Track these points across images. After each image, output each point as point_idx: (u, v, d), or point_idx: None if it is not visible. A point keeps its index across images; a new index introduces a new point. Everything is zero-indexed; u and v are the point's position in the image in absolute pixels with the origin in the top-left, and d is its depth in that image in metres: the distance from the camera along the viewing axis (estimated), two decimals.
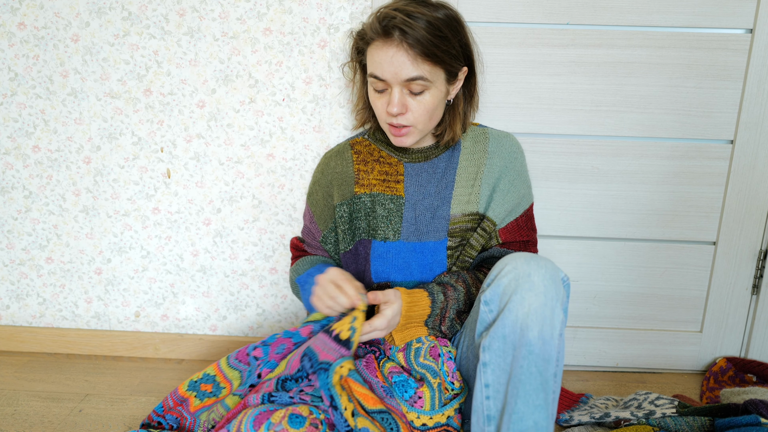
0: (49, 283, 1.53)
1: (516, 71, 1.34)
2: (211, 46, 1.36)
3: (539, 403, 0.86)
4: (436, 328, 1.06)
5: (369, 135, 1.18)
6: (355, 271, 1.14)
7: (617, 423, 1.16)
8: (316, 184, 1.20)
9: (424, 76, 0.98)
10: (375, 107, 1.06)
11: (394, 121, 1.03)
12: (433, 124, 1.07)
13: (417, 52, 0.96)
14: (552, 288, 0.89)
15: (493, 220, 1.11)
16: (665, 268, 1.44)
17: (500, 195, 1.11)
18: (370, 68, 1.02)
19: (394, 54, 0.97)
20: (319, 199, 1.19)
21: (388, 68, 0.98)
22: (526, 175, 1.16)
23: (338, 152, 1.19)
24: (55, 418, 1.25)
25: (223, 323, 1.54)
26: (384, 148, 1.15)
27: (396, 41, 0.96)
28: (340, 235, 1.15)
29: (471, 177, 1.12)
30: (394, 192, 1.12)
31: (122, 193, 1.45)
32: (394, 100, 1.00)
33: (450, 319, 1.06)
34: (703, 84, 1.33)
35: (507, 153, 1.13)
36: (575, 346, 1.49)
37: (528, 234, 1.15)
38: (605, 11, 1.30)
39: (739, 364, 1.42)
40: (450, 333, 1.08)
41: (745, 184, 1.37)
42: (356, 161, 1.16)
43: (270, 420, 0.85)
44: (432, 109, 1.03)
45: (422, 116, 1.03)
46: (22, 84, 1.39)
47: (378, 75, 1.00)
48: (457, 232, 1.11)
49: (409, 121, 1.03)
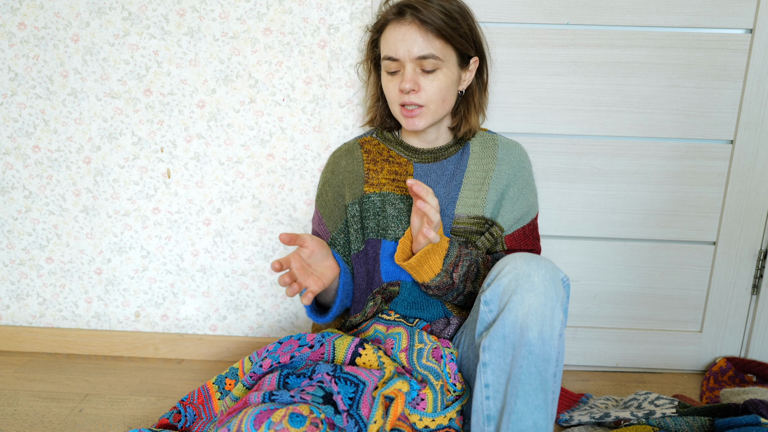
0: (49, 283, 1.53)
1: (516, 71, 1.34)
2: (211, 46, 1.36)
3: (539, 403, 0.86)
4: (449, 271, 1.04)
5: (377, 134, 1.20)
6: (365, 271, 1.14)
7: (617, 423, 1.16)
8: (325, 185, 1.20)
9: (436, 54, 1.03)
10: (387, 92, 1.08)
11: (407, 100, 1.05)
12: (446, 109, 1.10)
13: (428, 28, 1.02)
14: (552, 288, 0.89)
15: (502, 226, 1.12)
16: (665, 268, 1.44)
17: (509, 203, 1.13)
18: (384, 52, 1.07)
19: (406, 31, 1.02)
20: (329, 199, 1.18)
21: (401, 46, 1.03)
22: (533, 184, 1.18)
23: (347, 151, 1.19)
24: (55, 418, 1.25)
25: (223, 323, 1.54)
26: (393, 147, 1.16)
27: (408, 19, 1.02)
28: (352, 235, 1.14)
29: (479, 181, 1.13)
30: (404, 192, 1.13)
31: (122, 193, 1.46)
32: (407, 76, 1.04)
33: (463, 267, 1.04)
34: (703, 84, 1.33)
35: (516, 161, 1.15)
36: (575, 346, 1.49)
37: (533, 243, 1.17)
38: (605, 11, 1.30)
39: (739, 364, 1.42)
40: (459, 283, 1.05)
41: (745, 184, 1.37)
42: (366, 160, 1.16)
43: (270, 419, 0.85)
44: (444, 89, 1.06)
45: (434, 96, 1.05)
46: (22, 84, 1.39)
47: (391, 55, 1.04)
48: (460, 232, 1.11)
49: (422, 100, 1.05)
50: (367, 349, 1.03)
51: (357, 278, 1.14)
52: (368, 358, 1.03)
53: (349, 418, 0.92)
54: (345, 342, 1.05)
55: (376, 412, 0.93)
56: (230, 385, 1.11)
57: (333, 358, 1.04)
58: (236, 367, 1.12)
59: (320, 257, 1.03)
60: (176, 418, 1.09)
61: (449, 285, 1.05)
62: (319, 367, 0.98)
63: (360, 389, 0.95)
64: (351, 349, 1.04)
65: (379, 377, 0.98)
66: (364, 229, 1.14)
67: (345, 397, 0.93)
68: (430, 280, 1.03)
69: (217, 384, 1.12)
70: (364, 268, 1.14)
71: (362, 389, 0.95)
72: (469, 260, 1.05)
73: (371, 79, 1.18)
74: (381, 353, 1.04)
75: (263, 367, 1.02)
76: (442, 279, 1.04)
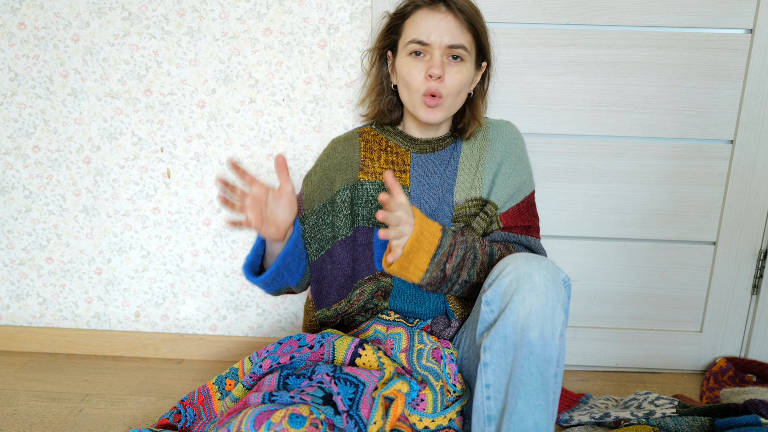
0: (49, 283, 1.52)
1: (516, 71, 1.34)
2: (211, 46, 1.36)
3: (539, 403, 0.86)
4: (441, 263, 0.99)
5: (376, 125, 1.20)
6: (352, 258, 1.13)
7: (617, 423, 1.16)
8: (317, 166, 1.19)
9: (465, 46, 1.05)
10: (410, 77, 1.07)
11: (433, 86, 1.04)
12: (458, 105, 1.11)
13: (463, 18, 1.04)
14: (553, 288, 0.89)
15: (495, 204, 1.11)
16: (665, 268, 1.44)
17: (502, 179, 1.12)
18: (412, 36, 1.06)
19: (443, 18, 1.04)
20: (315, 180, 1.17)
21: (435, 31, 1.03)
22: (527, 161, 1.17)
23: (347, 138, 1.19)
24: (55, 418, 1.25)
25: (223, 323, 1.54)
26: (392, 137, 1.16)
27: (443, 9, 1.04)
28: (340, 221, 1.13)
29: (473, 164, 1.13)
30: (399, 181, 1.13)
31: (122, 193, 1.45)
32: (436, 61, 1.04)
33: (458, 257, 1.00)
34: (703, 84, 1.33)
35: (507, 139, 1.15)
36: (575, 346, 1.49)
37: (529, 220, 1.15)
38: (605, 11, 1.30)
39: (739, 364, 1.42)
40: (452, 274, 1.01)
41: (745, 184, 1.37)
42: (363, 148, 1.17)
43: (270, 420, 0.85)
44: (463, 83, 1.07)
45: (454, 88, 1.06)
46: (23, 84, 1.39)
47: (423, 39, 1.04)
48: (461, 218, 1.11)
49: (445, 89, 1.05)
50: (366, 349, 1.03)
51: (340, 264, 1.13)
52: (368, 358, 1.02)
53: (348, 419, 0.92)
54: (345, 342, 1.05)
55: (376, 413, 0.93)
56: (230, 386, 1.11)
57: (333, 358, 1.04)
58: (236, 368, 1.12)
59: (283, 205, 0.99)
60: (176, 418, 1.09)
61: (441, 278, 1.01)
62: (319, 368, 0.98)
63: (360, 390, 0.95)
64: (351, 349, 1.04)
65: (378, 378, 0.98)
66: (354, 215, 1.14)
67: (345, 398, 0.93)
68: (420, 279, 0.99)
69: (217, 384, 1.12)
70: (350, 254, 1.13)
71: (362, 390, 0.95)
72: (464, 247, 1.01)
73: (374, 70, 1.17)
74: (381, 354, 1.04)
75: (263, 367, 1.02)
76: (431, 275, 0.99)
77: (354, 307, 1.14)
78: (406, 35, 1.07)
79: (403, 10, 1.09)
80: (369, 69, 1.18)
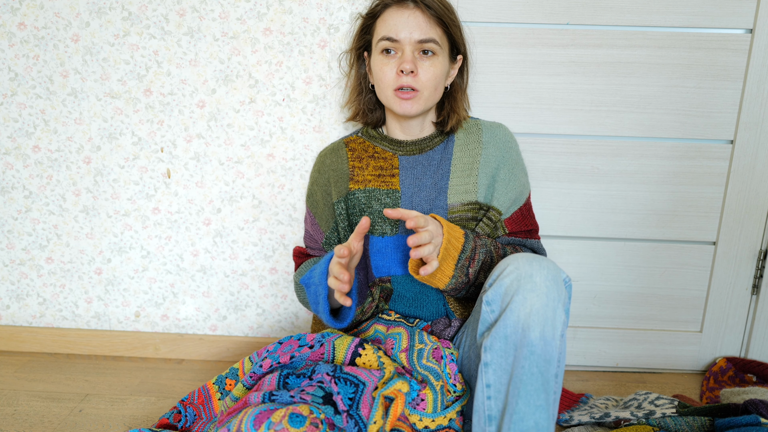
0: (49, 283, 1.52)
1: (516, 71, 1.34)
2: (211, 46, 1.36)
3: (540, 403, 0.86)
4: (464, 268, 1.02)
5: (363, 133, 1.21)
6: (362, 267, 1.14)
7: (617, 423, 1.17)
8: (314, 185, 1.20)
9: (436, 40, 1.06)
10: (382, 74, 1.08)
11: (404, 82, 1.06)
12: (435, 98, 1.11)
13: (431, 14, 1.05)
14: (554, 289, 0.89)
15: (499, 210, 1.12)
16: (665, 268, 1.44)
17: (502, 185, 1.13)
18: (382, 33, 1.07)
19: (411, 14, 1.05)
20: (318, 199, 1.19)
21: (402, 29, 1.05)
22: (522, 163, 1.18)
23: (333, 150, 1.20)
24: (55, 418, 1.25)
25: (223, 323, 1.54)
26: (378, 143, 1.17)
27: (411, 6, 1.06)
28: (341, 233, 1.15)
29: (467, 167, 1.13)
30: (389, 186, 1.13)
31: (122, 193, 1.45)
32: (408, 57, 1.05)
33: (479, 261, 1.03)
34: (703, 84, 1.33)
35: (502, 143, 1.15)
36: (575, 346, 1.49)
37: (531, 223, 1.17)
38: (605, 11, 1.30)
39: (739, 364, 1.42)
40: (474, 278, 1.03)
41: (745, 184, 1.37)
42: (351, 158, 1.17)
43: (270, 419, 0.85)
44: (438, 77, 1.08)
45: (429, 82, 1.07)
46: (22, 84, 1.39)
47: (392, 36, 1.05)
48: (456, 221, 1.11)
49: (418, 84, 1.06)
50: (367, 349, 1.03)
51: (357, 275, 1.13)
52: (368, 358, 1.02)
53: (348, 419, 0.92)
54: (345, 342, 1.05)
55: (376, 413, 0.93)
56: (230, 386, 1.11)
57: (333, 358, 1.04)
58: (236, 368, 1.12)
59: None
60: (176, 418, 1.09)
61: (465, 282, 1.04)
62: (319, 368, 0.98)
63: (360, 389, 0.95)
64: (351, 349, 1.04)
65: (379, 377, 0.98)
66: (352, 226, 1.15)
67: (345, 398, 0.93)
68: (446, 285, 1.03)
69: (217, 384, 1.12)
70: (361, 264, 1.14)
71: (362, 389, 0.95)
72: (484, 251, 1.04)
73: (353, 72, 1.19)
74: (381, 353, 1.04)
75: (263, 367, 1.02)
76: (457, 280, 1.03)
77: (366, 315, 1.14)
78: (377, 34, 1.09)
79: (373, 10, 1.11)
80: (348, 71, 1.21)
